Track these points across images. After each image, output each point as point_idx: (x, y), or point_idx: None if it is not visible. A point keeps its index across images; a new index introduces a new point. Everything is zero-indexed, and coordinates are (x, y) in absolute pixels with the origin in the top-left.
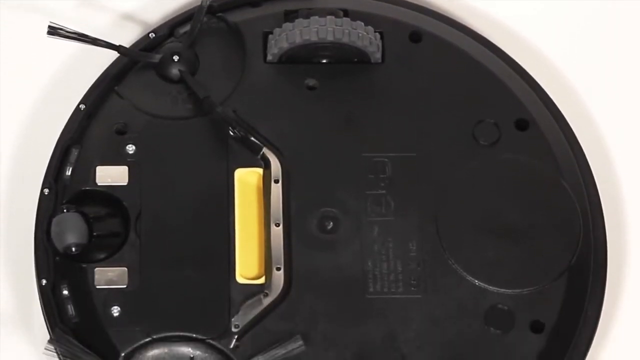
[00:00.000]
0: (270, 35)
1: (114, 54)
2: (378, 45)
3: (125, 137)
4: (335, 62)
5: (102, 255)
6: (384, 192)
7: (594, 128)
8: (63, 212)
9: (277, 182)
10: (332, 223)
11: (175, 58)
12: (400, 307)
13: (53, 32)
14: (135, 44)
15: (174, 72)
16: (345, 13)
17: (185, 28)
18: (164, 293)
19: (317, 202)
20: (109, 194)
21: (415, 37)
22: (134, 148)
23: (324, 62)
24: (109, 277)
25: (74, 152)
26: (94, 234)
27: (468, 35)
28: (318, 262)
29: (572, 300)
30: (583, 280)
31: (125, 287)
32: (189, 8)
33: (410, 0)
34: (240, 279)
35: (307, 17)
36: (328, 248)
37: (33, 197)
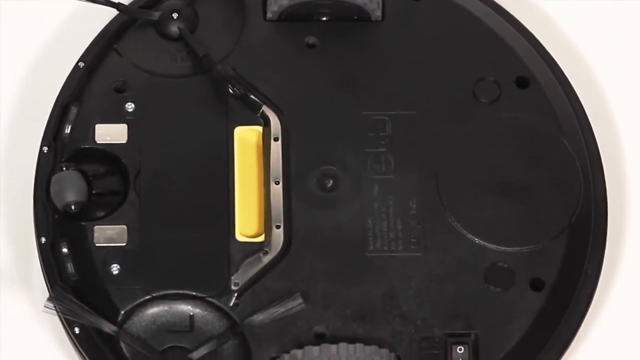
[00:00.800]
0: None
1: (113, 12)
2: (378, 3)
3: (125, 95)
4: (335, 19)
5: (101, 213)
6: (384, 150)
7: (595, 85)
8: (62, 170)
9: (276, 140)
10: (332, 181)
11: (175, 15)
12: (400, 265)
13: None
14: (135, 2)
15: (173, 29)
16: None
17: None
18: (164, 251)
19: (317, 160)
20: (108, 152)
21: None
22: (133, 106)
23: (324, 19)
24: (109, 235)
25: (73, 110)
26: (93, 192)
27: None
28: (318, 220)
29: (572, 258)
30: (583, 238)
31: (125, 245)
32: None
33: None
34: (240, 237)
35: None
36: (328, 206)
37: (32, 155)
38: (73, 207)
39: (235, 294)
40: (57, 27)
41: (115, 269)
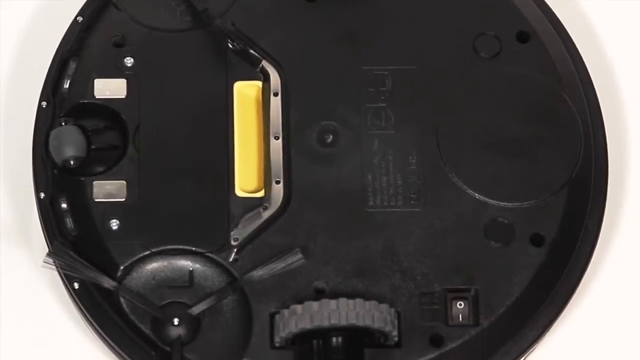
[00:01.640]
0: None
1: None
2: None
3: (123, 49)
4: None
5: (100, 169)
6: (384, 105)
7: (596, 40)
8: (61, 125)
9: (276, 95)
10: (331, 136)
11: None
12: (400, 220)
13: None
14: None
15: None
16: None
17: None
18: (163, 206)
19: (316, 115)
20: (107, 107)
21: None
22: (132, 61)
23: None
24: (108, 190)
25: (72, 64)
26: (92, 147)
27: None
28: (317, 175)
29: (572, 214)
30: (584, 194)
31: (124, 200)
32: None
33: None
34: (240, 193)
35: None
36: (328, 161)
37: (31, 110)
38: (72, 162)
39: (235, 250)
40: None
41: (115, 225)
